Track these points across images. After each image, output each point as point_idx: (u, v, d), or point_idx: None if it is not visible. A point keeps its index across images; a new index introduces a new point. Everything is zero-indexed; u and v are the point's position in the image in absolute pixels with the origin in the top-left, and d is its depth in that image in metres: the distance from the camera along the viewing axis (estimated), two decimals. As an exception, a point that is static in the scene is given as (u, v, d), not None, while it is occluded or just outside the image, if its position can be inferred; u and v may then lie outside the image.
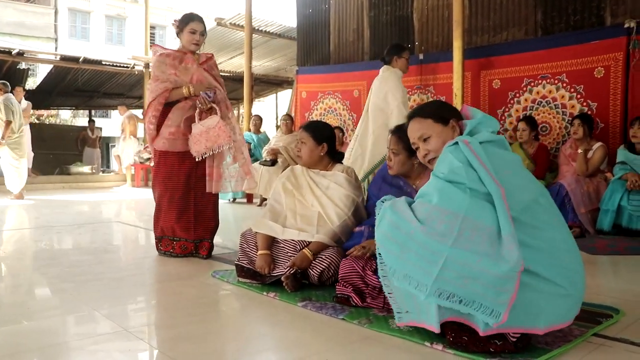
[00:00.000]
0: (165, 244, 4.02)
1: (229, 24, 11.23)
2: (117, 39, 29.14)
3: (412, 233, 2.01)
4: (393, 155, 2.90)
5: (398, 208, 2.11)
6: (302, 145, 3.31)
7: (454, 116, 2.36)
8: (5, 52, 12.30)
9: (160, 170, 3.99)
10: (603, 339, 2.24)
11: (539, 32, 6.72)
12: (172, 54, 3.97)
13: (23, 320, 2.56)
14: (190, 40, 3.96)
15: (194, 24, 3.97)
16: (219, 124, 3.84)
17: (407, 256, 2.02)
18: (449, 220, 1.97)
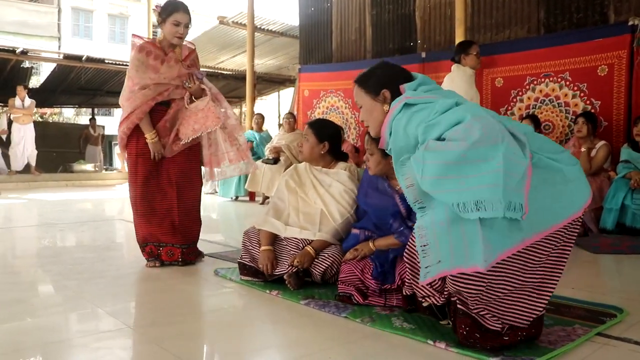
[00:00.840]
0: (149, 251, 3.63)
1: (231, 22, 11.23)
2: (119, 37, 29.16)
3: (464, 157, 1.86)
4: (370, 156, 2.90)
5: (435, 147, 1.94)
6: (304, 141, 3.32)
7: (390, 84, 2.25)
8: (9, 51, 12.32)
9: (139, 170, 3.62)
10: (607, 339, 2.23)
11: (542, 30, 6.71)
12: (154, 52, 3.56)
13: (27, 317, 2.56)
14: (174, 33, 3.54)
15: (179, 15, 3.53)
16: (208, 105, 3.60)
17: (468, 183, 1.85)
18: (491, 124, 1.93)
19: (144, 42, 3.61)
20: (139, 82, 3.52)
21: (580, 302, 2.74)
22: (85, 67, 13.48)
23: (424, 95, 2.12)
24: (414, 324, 2.37)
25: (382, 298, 2.69)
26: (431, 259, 1.92)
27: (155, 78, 3.52)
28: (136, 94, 3.52)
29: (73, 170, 13.70)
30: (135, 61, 3.53)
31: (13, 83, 12.81)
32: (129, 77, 3.57)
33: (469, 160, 1.85)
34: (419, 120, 2.05)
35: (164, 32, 3.58)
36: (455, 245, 1.87)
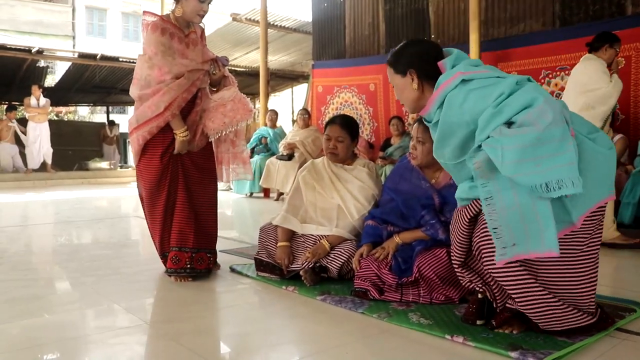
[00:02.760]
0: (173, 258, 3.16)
1: (244, 19, 11.24)
2: (133, 35, 29.30)
3: (539, 139, 1.87)
4: (419, 145, 2.87)
5: (508, 133, 1.92)
6: (339, 143, 3.27)
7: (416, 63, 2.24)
8: (25, 51, 12.43)
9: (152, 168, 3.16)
10: (626, 334, 2.21)
11: (557, 23, 6.64)
12: (176, 34, 3.08)
13: (44, 314, 2.58)
14: (197, 10, 3.07)
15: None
16: (236, 95, 3.22)
17: (546, 164, 1.86)
18: (558, 106, 1.96)
19: (163, 22, 3.06)
20: (170, 70, 3.02)
21: (598, 296, 2.71)
22: (100, 65, 13.56)
23: (477, 71, 2.11)
24: (430, 319, 2.36)
25: (398, 293, 2.68)
26: (506, 241, 1.92)
27: (187, 64, 3.07)
28: (169, 85, 3.02)
29: (89, 168, 13.82)
30: (159, 45, 3.01)
31: (29, 82, 12.93)
32: (154, 64, 3.03)
33: (544, 142, 1.87)
34: (478, 97, 2.05)
35: (183, 7, 3.07)
36: (531, 229, 1.89)
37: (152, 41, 3.02)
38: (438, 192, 2.86)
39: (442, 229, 2.71)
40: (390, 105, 8.30)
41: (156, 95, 3.04)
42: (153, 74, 3.04)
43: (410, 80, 2.25)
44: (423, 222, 2.80)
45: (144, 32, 3.08)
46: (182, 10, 3.07)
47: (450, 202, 2.80)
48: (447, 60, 2.20)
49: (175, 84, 3.03)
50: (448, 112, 2.12)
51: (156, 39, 3.01)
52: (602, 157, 2.05)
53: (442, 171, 2.90)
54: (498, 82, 2.06)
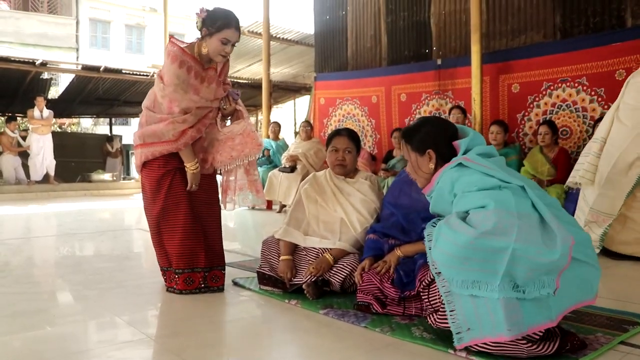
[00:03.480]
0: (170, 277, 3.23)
1: (247, 31, 11.29)
2: (136, 47, 29.42)
3: (472, 243, 2.01)
4: None
5: (452, 224, 2.09)
6: (347, 155, 3.29)
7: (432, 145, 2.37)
8: (29, 63, 12.49)
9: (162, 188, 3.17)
10: (630, 347, 2.20)
11: (558, 35, 6.67)
12: (194, 69, 3.08)
13: (47, 327, 2.59)
14: (219, 51, 3.08)
15: (230, 32, 3.07)
16: (246, 130, 3.22)
17: (471, 265, 2.03)
18: (508, 219, 2.02)
19: (184, 54, 3.06)
20: (180, 105, 3.04)
21: (602, 310, 2.71)
22: (103, 77, 13.62)
23: (480, 163, 2.24)
24: (433, 333, 2.36)
25: (401, 307, 2.68)
26: (460, 325, 2.09)
27: (197, 101, 3.08)
28: (176, 117, 3.05)
29: (91, 179, 13.84)
30: (175, 78, 3.02)
31: (32, 94, 12.97)
32: (165, 95, 3.06)
33: (476, 248, 2.01)
34: (463, 184, 2.20)
35: (207, 46, 3.09)
36: (482, 314, 2.04)
37: (169, 71, 3.05)
38: None
39: None
40: (393, 117, 8.31)
41: (162, 123, 3.07)
42: (164, 103, 3.09)
43: (428, 159, 2.37)
44: (424, 234, 2.80)
45: (166, 59, 3.09)
46: (206, 49, 3.10)
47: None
48: (462, 142, 2.33)
49: (181, 118, 3.05)
50: (441, 187, 2.30)
51: (173, 71, 3.03)
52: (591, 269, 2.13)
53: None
54: (484, 178, 2.18)
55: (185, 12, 29.87)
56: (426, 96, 7.89)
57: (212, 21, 3.08)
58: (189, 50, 3.10)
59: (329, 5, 9.55)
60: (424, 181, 2.43)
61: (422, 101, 7.95)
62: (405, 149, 2.48)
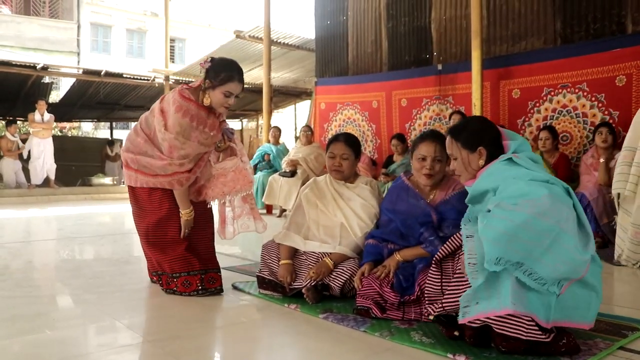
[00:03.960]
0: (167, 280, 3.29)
1: (248, 36, 11.31)
2: (137, 52, 29.49)
3: (527, 222, 2.06)
4: (438, 163, 2.90)
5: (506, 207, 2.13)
6: (344, 161, 3.29)
7: (484, 143, 2.44)
8: (30, 67, 12.53)
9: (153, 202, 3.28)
10: (629, 353, 2.20)
11: (559, 41, 6.68)
12: (197, 116, 3.09)
13: (46, 330, 2.59)
14: (222, 103, 3.13)
15: (234, 85, 3.11)
16: (238, 166, 3.28)
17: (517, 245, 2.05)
18: (559, 206, 2.11)
19: (189, 103, 3.08)
20: (179, 152, 3.09)
21: (601, 315, 2.71)
22: (104, 81, 13.66)
23: (527, 164, 2.34)
24: (432, 338, 2.36)
25: (400, 312, 2.68)
26: (469, 300, 2.11)
27: (196, 148, 3.12)
28: (174, 162, 3.10)
29: (92, 183, 13.86)
30: (178, 126, 3.05)
31: (33, 98, 13.01)
32: (166, 139, 3.09)
33: (529, 227, 2.06)
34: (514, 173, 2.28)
35: (210, 97, 3.12)
36: (492, 289, 2.08)
37: (173, 119, 3.08)
38: (435, 209, 2.87)
39: (441, 245, 2.72)
40: (393, 122, 8.33)
41: (159, 161, 3.14)
42: (164, 146, 3.13)
43: (479, 156, 2.45)
44: (422, 239, 2.81)
45: (171, 106, 3.10)
46: (209, 100, 3.13)
47: (447, 217, 2.83)
48: (513, 143, 2.43)
49: (179, 162, 3.10)
50: (487, 179, 2.37)
51: (177, 119, 3.06)
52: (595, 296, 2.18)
53: (437, 189, 2.94)
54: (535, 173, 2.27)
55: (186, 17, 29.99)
56: (427, 101, 7.90)
57: (215, 73, 3.11)
58: (194, 96, 3.13)
59: (329, 10, 9.58)
60: (469, 176, 2.49)
61: (422, 106, 7.96)
62: (453, 145, 2.51)
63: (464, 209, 2.83)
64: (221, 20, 32.21)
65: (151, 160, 3.16)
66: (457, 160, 2.51)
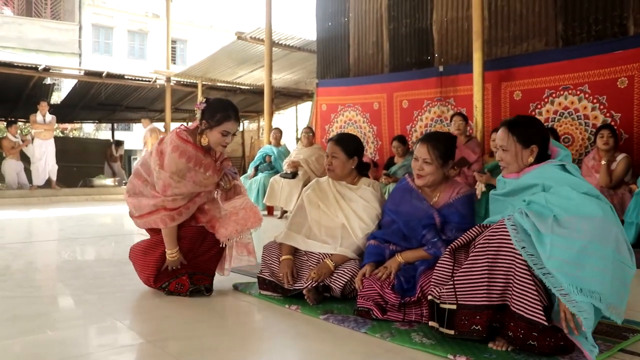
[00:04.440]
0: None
1: (249, 37, 11.32)
2: (139, 53, 29.53)
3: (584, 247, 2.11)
4: (426, 165, 2.88)
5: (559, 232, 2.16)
6: (333, 159, 3.28)
7: (537, 142, 2.51)
8: (32, 68, 12.55)
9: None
10: (630, 355, 2.20)
11: (560, 43, 6.68)
12: (194, 157, 3.12)
13: (47, 331, 2.59)
14: (220, 142, 3.17)
15: (230, 124, 3.16)
16: (247, 204, 3.34)
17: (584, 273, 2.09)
18: (611, 230, 2.18)
19: (186, 144, 3.11)
20: (173, 191, 3.12)
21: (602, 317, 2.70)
22: (106, 83, 13.69)
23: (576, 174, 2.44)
24: (433, 339, 2.36)
25: (401, 313, 2.68)
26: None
27: (190, 188, 3.16)
28: (167, 199, 3.14)
29: (93, 184, 13.87)
30: (174, 166, 3.09)
31: (35, 99, 13.02)
32: (161, 178, 3.12)
33: (588, 252, 2.10)
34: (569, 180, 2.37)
35: (208, 137, 3.15)
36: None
37: (169, 158, 3.10)
38: (438, 212, 2.87)
39: (443, 247, 2.72)
40: (394, 124, 8.33)
41: (152, 199, 3.17)
42: (158, 184, 3.16)
43: (530, 153, 2.51)
44: (425, 241, 2.81)
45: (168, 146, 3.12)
46: (207, 140, 3.16)
47: (451, 221, 2.82)
48: (562, 151, 2.54)
49: (171, 199, 3.14)
50: (535, 175, 2.46)
51: (173, 159, 3.09)
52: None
53: (440, 191, 2.93)
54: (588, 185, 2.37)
55: (187, 18, 30.01)
56: (428, 103, 7.91)
57: (211, 114, 3.15)
58: (192, 137, 3.16)
59: (331, 11, 9.58)
60: (516, 169, 2.55)
61: (423, 108, 7.96)
62: (508, 138, 2.55)
63: (467, 213, 2.85)
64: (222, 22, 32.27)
65: (144, 200, 3.21)
66: (507, 152, 2.55)
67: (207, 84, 14.32)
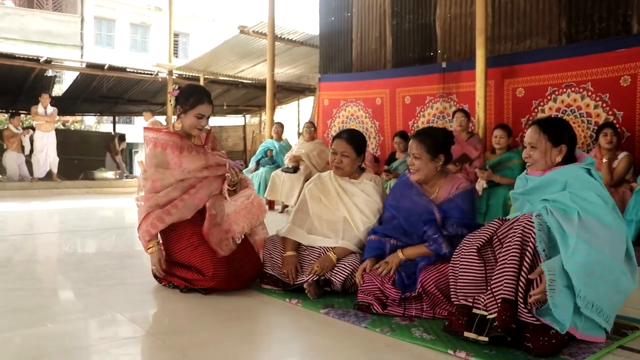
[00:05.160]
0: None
1: (252, 32, 11.30)
2: (141, 46, 29.49)
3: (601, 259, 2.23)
4: (415, 160, 2.91)
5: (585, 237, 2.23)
6: (344, 158, 3.29)
7: (566, 142, 2.56)
8: (33, 60, 12.54)
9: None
10: (629, 352, 2.21)
11: (564, 41, 6.66)
12: (171, 143, 3.18)
13: (48, 323, 2.59)
14: (195, 125, 3.24)
15: (203, 107, 3.24)
16: (254, 197, 3.32)
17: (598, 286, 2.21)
18: (621, 245, 2.32)
19: (158, 133, 3.21)
20: (162, 182, 3.16)
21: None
22: (107, 75, 13.68)
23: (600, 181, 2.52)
24: (433, 334, 2.37)
25: (401, 308, 2.68)
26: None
27: (178, 174, 3.17)
28: (159, 194, 3.15)
29: (94, 177, 13.87)
30: (153, 158, 3.17)
31: (37, 91, 13.01)
32: (148, 177, 3.18)
33: (601, 262, 2.21)
34: (595, 186, 2.44)
35: (182, 122, 3.25)
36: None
37: (147, 155, 3.21)
38: (438, 207, 2.88)
39: (445, 244, 2.73)
40: (397, 120, 8.32)
41: (146, 201, 3.17)
42: (147, 185, 3.19)
43: (558, 152, 2.57)
44: (426, 237, 2.82)
45: (145, 147, 3.26)
46: (181, 124, 3.27)
47: (451, 216, 2.83)
48: (588, 157, 2.60)
49: (164, 192, 3.15)
50: (557, 175, 2.52)
51: (150, 153, 3.19)
52: None
53: (440, 186, 2.95)
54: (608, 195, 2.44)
55: (190, 12, 29.95)
56: (430, 99, 7.89)
57: (185, 99, 3.25)
58: (164, 128, 3.28)
59: (334, 6, 9.56)
60: (543, 167, 2.59)
61: (426, 104, 7.95)
62: (539, 136, 2.58)
63: (467, 208, 2.86)
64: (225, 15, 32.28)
65: (141, 208, 3.22)
66: (536, 150, 2.60)
67: (209, 77, 14.31)
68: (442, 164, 2.96)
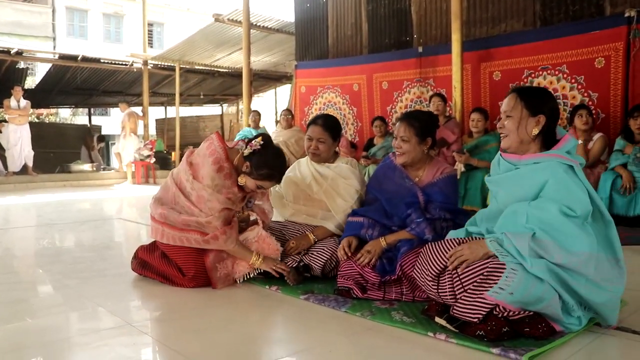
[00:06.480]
0: None
1: (227, 19, 11.21)
2: (115, 36, 29.09)
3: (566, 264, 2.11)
4: (403, 143, 2.91)
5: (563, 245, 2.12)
6: (320, 144, 3.28)
7: (546, 114, 2.31)
8: (3, 52, 12.30)
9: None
10: (605, 328, 2.24)
11: (538, 23, 6.72)
12: (226, 171, 2.99)
13: (26, 318, 2.56)
14: (252, 189, 3.08)
15: (269, 184, 3.08)
16: (260, 235, 3.14)
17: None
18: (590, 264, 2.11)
19: (226, 161, 3.00)
20: (207, 204, 2.97)
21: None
22: (81, 67, 13.48)
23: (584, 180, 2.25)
24: (413, 317, 2.38)
25: (381, 292, 2.70)
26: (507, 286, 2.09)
27: (223, 202, 2.97)
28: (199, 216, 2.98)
29: (71, 170, 13.68)
30: (209, 179, 2.96)
31: (8, 84, 12.77)
32: (194, 188, 3.01)
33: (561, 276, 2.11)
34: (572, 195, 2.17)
35: (244, 179, 3.00)
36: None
37: (207, 171, 2.98)
38: (422, 190, 2.89)
39: (428, 228, 2.74)
40: (375, 105, 8.33)
41: (186, 216, 3.01)
42: (192, 194, 3.03)
43: (535, 124, 2.30)
44: (409, 220, 2.83)
45: (207, 156, 3.01)
46: (244, 181, 3.02)
47: (434, 200, 2.84)
48: (571, 140, 2.33)
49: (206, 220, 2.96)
50: (533, 172, 2.27)
51: (211, 173, 2.97)
52: None
53: (424, 170, 2.96)
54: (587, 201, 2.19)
55: (164, 1, 29.58)
56: (407, 84, 7.91)
57: (258, 164, 2.98)
58: (232, 156, 3.04)
59: (309, -8, 9.52)
60: (515, 140, 2.35)
61: (403, 89, 7.97)
62: (515, 103, 2.36)
63: (450, 193, 2.87)
64: (200, 4, 31.86)
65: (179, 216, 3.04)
66: (511, 119, 2.35)
67: (185, 67, 14.19)
68: (429, 147, 2.97)
